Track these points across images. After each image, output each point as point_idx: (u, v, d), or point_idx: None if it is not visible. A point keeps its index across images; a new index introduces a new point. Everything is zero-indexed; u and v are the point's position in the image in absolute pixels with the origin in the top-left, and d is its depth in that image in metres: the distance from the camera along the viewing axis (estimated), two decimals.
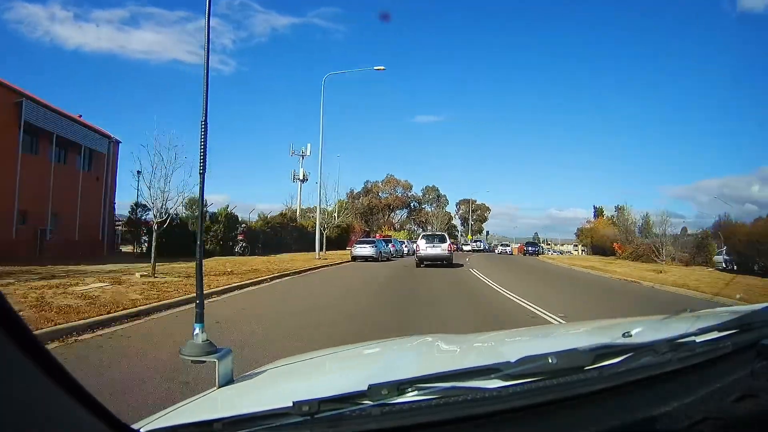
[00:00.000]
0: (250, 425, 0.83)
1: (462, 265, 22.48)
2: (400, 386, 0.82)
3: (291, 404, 0.81)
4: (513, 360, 0.87)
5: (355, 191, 72.03)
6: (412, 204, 78.58)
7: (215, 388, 1.20)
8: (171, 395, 3.63)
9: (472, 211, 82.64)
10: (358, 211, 64.93)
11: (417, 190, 79.27)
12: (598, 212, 70.33)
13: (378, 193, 74.82)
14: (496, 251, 64.61)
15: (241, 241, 27.65)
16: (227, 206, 28.37)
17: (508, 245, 62.20)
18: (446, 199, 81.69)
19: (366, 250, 26.79)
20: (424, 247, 21.53)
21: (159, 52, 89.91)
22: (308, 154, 39.49)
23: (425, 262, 21.20)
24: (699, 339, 1.04)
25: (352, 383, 0.89)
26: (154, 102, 72.52)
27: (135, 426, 0.88)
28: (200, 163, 1.67)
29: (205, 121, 1.80)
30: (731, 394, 0.96)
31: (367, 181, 75.97)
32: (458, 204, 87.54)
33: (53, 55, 67.48)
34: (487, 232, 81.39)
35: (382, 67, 27.10)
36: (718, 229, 30.63)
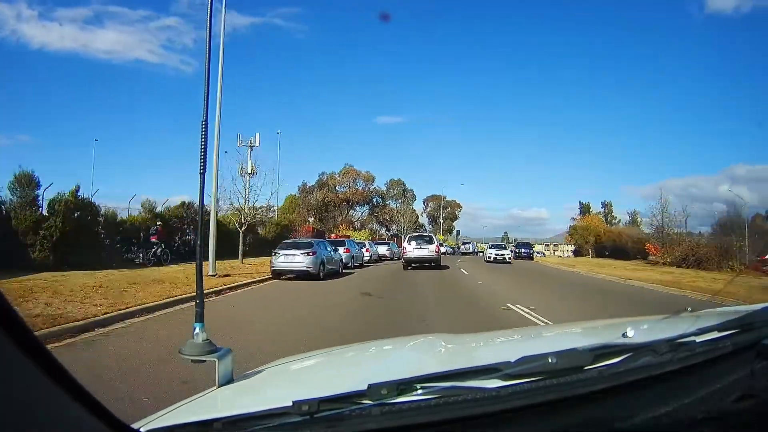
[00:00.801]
0: (250, 425, 0.83)
1: (471, 280, 16.68)
2: (400, 386, 0.82)
3: (291, 404, 0.81)
4: (513, 360, 0.87)
5: (309, 185, 62.83)
6: (374, 199, 68.20)
7: (215, 387, 1.20)
8: None
9: (441, 208, 73.30)
10: (310, 207, 57.53)
11: (380, 184, 69.18)
12: (585, 208, 65.77)
13: (335, 186, 64.27)
14: (486, 256, 55.00)
15: (155, 244, 18.23)
16: (76, 188, 15.98)
17: (503, 246, 45.15)
18: (413, 194, 72.12)
19: (295, 260, 15.20)
20: (411, 249, 20.91)
21: (122, 51, 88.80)
22: (257, 144, 35.85)
23: (413, 265, 20.63)
24: (699, 339, 1.04)
25: (351, 383, 0.89)
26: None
27: (135, 425, 0.88)
28: (200, 163, 1.67)
29: (206, 120, 1.80)
30: (731, 394, 0.96)
31: (323, 173, 65.06)
32: (426, 201, 77.99)
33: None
34: (458, 232, 72.78)
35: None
36: None
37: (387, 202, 69.54)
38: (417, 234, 24.98)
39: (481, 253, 58.82)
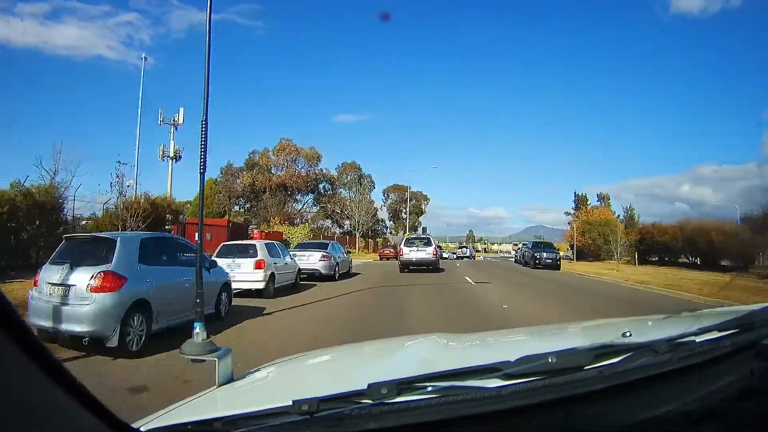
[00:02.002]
0: (250, 424, 0.83)
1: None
2: (400, 386, 0.82)
3: (291, 403, 0.81)
4: (513, 359, 0.87)
5: (235, 166, 47.79)
6: (321, 186, 53.05)
7: (215, 387, 1.20)
8: None
9: (405, 200, 59.27)
10: (234, 195, 46.64)
11: (330, 167, 54.59)
12: (581, 200, 55.77)
13: (268, 167, 48.26)
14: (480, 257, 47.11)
15: None
16: None
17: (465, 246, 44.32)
18: (371, 182, 57.36)
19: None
20: (408, 252, 20.46)
21: (83, 47, 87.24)
22: (181, 122, 28.12)
23: (410, 267, 20.18)
24: (699, 339, 1.04)
25: (351, 382, 0.89)
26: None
27: (135, 425, 0.88)
28: (200, 163, 1.68)
29: (206, 120, 1.81)
30: (731, 394, 0.96)
31: (253, 152, 49.30)
32: (386, 192, 64.47)
33: None
34: (424, 229, 59.32)
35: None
36: None
37: (338, 191, 54.57)
38: (414, 236, 24.16)
39: (485, 258, 54.28)
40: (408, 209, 57.75)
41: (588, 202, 54.70)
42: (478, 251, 49.61)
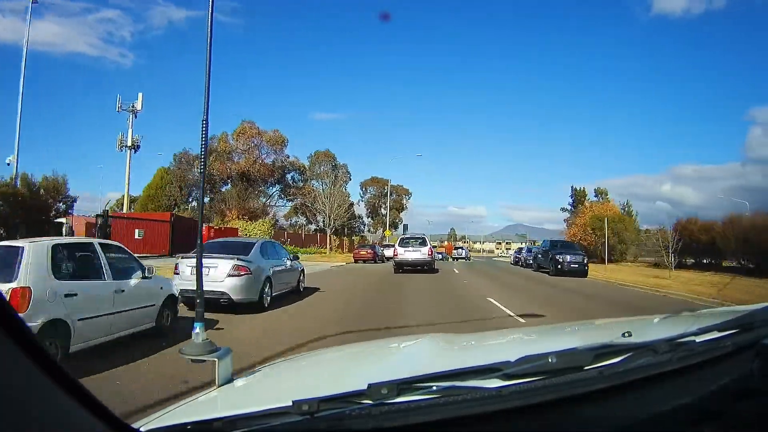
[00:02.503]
0: (250, 424, 0.83)
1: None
2: (400, 386, 0.82)
3: (291, 403, 0.81)
4: (513, 360, 0.87)
5: (192, 153, 40.35)
6: (290, 176, 47.05)
7: (215, 387, 1.20)
8: None
9: (385, 195, 52.70)
10: (188, 184, 40.25)
11: (300, 155, 48.73)
12: (579, 195, 50.57)
13: (228, 153, 42.33)
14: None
15: None
16: None
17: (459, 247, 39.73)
18: (347, 173, 50.72)
19: None
20: (403, 252, 19.65)
21: (60, 44, 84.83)
22: (140, 108, 25.95)
23: (404, 268, 19.50)
24: (699, 339, 1.04)
25: (351, 383, 0.89)
26: None
27: (135, 425, 0.88)
28: (200, 162, 1.68)
29: (206, 120, 1.81)
30: (731, 394, 0.96)
31: (212, 137, 40.85)
32: (364, 185, 58.23)
33: None
34: (406, 226, 53.69)
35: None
36: None
37: (310, 182, 47.58)
38: (409, 235, 22.89)
39: (475, 258, 49.28)
40: (388, 204, 51.62)
41: (587, 197, 50.10)
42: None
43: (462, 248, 49.98)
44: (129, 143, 26.81)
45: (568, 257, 20.74)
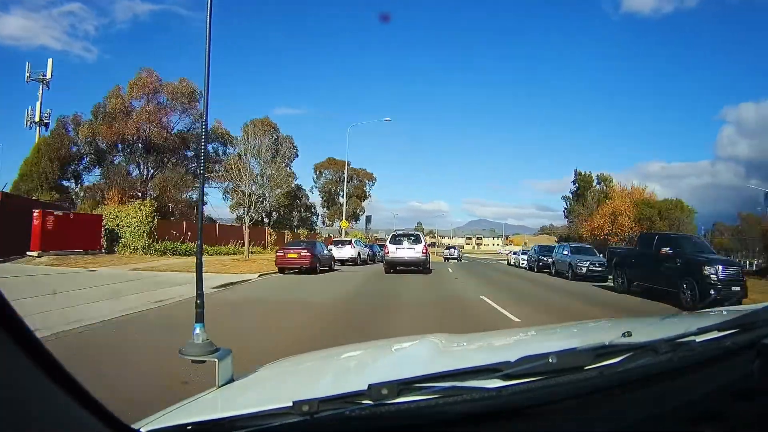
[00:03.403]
0: (250, 425, 0.83)
1: None
2: (400, 386, 0.82)
3: (291, 404, 0.81)
4: (513, 360, 0.87)
5: (84, 118, 30.39)
6: (212, 147, 33.88)
7: (215, 387, 1.20)
8: None
9: (343, 180, 40.91)
10: (70, 160, 29.33)
11: (225, 120, 38.62)
12: (584, 181, 43.09)
13: (126, 112, 30.32)
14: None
15: None
16: None
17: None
18: (293, 146, 39.17)
19: None
20: (394, 250, 17.52)
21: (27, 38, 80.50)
22: (49, 76, 21.54)
23: (397, 267, 17.57)
24: (699, 339, 1.04)
25: (352, 383, 0.89)
26: None
27: (135, 425, 0.88)
28: (200, 162, 1.68)
29: (205, 120, 1.81)
30: (731, 394, 0.96)
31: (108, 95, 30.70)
32: (318, 168, 48.12)
33: None
34: (368, 218, 44.94)
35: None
36: None
37: (233, 150, 33.16)
38: (401, 232, 19.87)
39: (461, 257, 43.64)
40: (345, 188, 39.74)
41: (593, 183, 42.81)
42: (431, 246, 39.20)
43: (454, 248, 45.31)
44: (37, 118, 21.95)
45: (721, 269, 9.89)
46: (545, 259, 22.90)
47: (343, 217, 36.85)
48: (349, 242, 26.42)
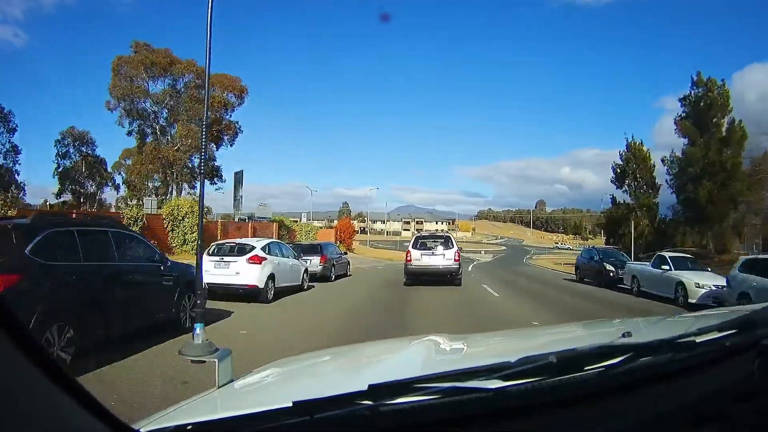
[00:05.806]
0: (250, 425, 0.83)
1: None
2: (401, 386, 0.82)
3: (291, 404, 0.81)
4: (513, 360, 0.87)
5: None
6: None
7: (215, 388, 1.20)
8: None
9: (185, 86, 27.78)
10: None
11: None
12: (637, 151, 30.33)
13: None
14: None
15: None
16: None
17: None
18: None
19: None
20: (418, 257, 13.53)
21: None
22: None
23: (421, 278, 13.57)
24: (699, 339, 1.04)
25: (352, 383, 0.89)
26: None
27: (135, 426, 0.88)
28: (200, 162, 1.68)
29: (206, 120, 1.81)
30: (732, 394, 0.96)
31: None
32: (117, 65, 29.30)
33: None
34: (240, 176, 28.62)
35: None
36: None
37: None
38: (427, 234, 15.87)
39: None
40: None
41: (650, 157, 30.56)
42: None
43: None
44: None
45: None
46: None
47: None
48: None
